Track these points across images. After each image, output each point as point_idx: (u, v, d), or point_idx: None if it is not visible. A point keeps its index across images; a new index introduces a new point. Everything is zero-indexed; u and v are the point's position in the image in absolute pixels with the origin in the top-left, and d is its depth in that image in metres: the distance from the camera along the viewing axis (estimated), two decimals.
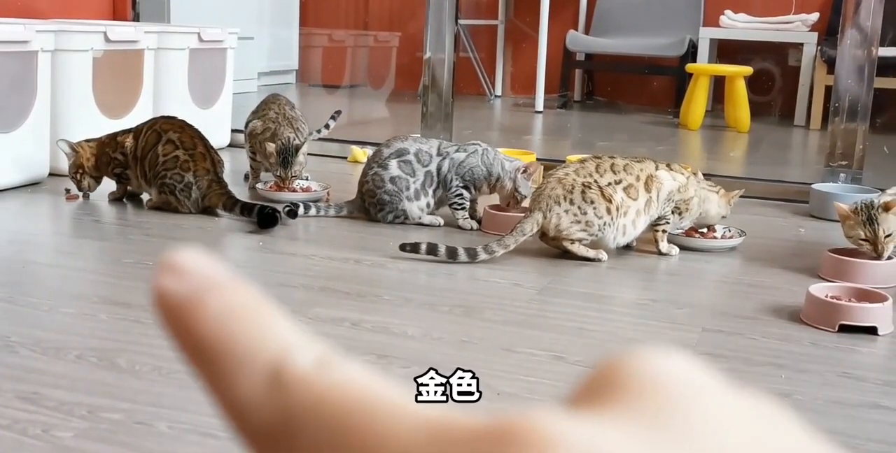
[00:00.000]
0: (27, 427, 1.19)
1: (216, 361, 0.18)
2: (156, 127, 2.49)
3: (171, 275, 0.19)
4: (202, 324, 0.18)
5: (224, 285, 0.19)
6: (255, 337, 0.18)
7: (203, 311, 0.18)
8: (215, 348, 0.18)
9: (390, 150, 2.38)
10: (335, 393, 0.18)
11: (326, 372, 0.18)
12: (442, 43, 3.33)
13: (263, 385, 0.18)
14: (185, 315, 0.18)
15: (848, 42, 2.91)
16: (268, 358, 0.18)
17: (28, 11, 3.32)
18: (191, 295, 0.18)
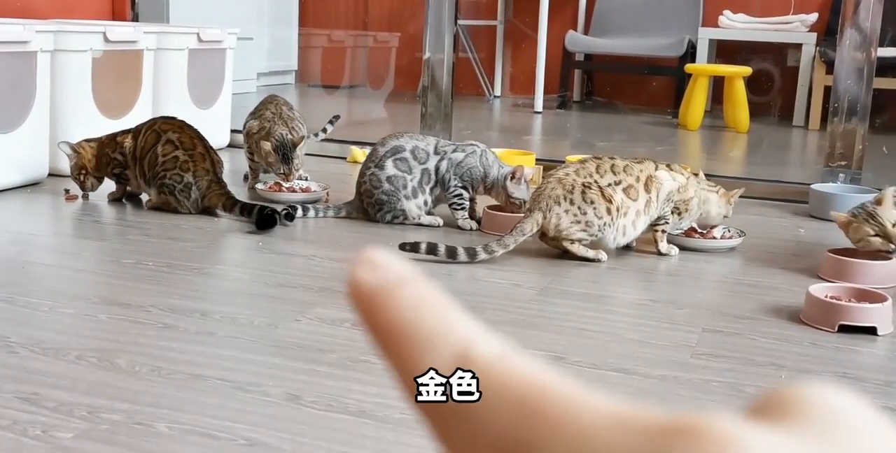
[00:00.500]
0: (27, 427, 1.19)
1: (405, 343, 0.19)
2: (155, 127, 2.49)
3: (366, 267, 0.20)
4: (394, 311, 0.20)
5: (415, 280, 0.20)
6: (443, 324, 0.20)
7: (395, 300, 0.20)
8: (405, 332, 0.20)
9: (385, 149, 2.37)
10: (518, 378, 0.19)
11: (509, 360, 0.19)
12: (441, 43, 3.33)
13: (450, 366, 0.19)
14: (378, 302, 0.20)
15: (847, 42, 2.91)
16: (455, 344, 0.19)
17: (27, 12, 3.31)
18: (385, 285, 0.20)
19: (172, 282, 1.85)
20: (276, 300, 1.77)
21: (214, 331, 1.58)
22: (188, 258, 2.03)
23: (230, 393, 1.31)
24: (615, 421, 0.18)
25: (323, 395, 1.32)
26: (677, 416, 0.17)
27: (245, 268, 2.03)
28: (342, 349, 1.50)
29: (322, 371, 1.41)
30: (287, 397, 1.31)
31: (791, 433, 0.17)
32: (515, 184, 2.33)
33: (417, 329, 0.19)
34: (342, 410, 1.27)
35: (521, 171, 2.33)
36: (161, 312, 1.65)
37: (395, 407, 1.29)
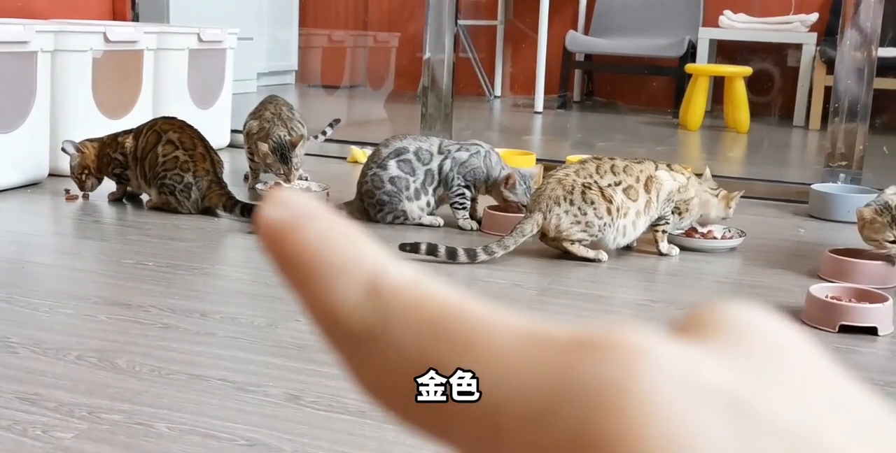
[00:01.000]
0: (27, 427, 1.19)
1: (314, 273, 0.19)
2: (156, 127, 2.49)
3: (276, 205, 0.20)
4: (303, 243, 0.19)
5: (324, 214, 0.20)
6: (353, 253, 0.19)
7: (304, 232, 0.20)
8: (314, 261, 0.19)
9: (389, 150, 2.37)
10: (431, 301, 0.19)
11: (421, 284, 0.19)
12: (441, 43, 3.33)
13: (361, 292, 0.19)
14: (287, 235, 0.20)
15: (847, 42, 2.91)
16: (366, 271, 0.19)
17: (27, 12, 3.31)
18: (294, 220, 0.20)
19: (173, 282, 1.85)
20: (276, 300, 1.77)
21: (215, 331, 1.58)
22: (188, 258, 2.03)
23: (230, 394, 1.31)
24: (526, 337, 0.18)
25: (323, 395, 1.32)
26: (590, 331, 0.17)
27: (245, 268, 2.03)
28: None
29: (322, 371, 1.41)
30: (287, 397, 1.31)
31: (704, 346, 0.17)
32: (509, 190, 2.33)
33: (326, 258, 0.19)
34: (342, 410, 1.27)
35: (513, 179, 2.33)
36: (161, 312, 1.65)
37: None
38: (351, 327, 0.19)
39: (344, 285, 0.19)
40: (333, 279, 0.19)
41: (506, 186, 2.34)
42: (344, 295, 0.19)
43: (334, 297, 0.19)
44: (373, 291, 0.19)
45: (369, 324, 0.18)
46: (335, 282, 0.19)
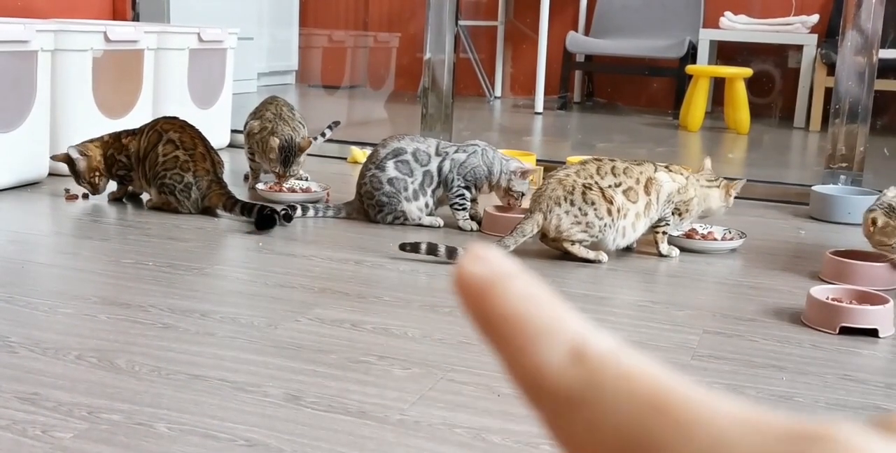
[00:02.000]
0: (26, 427, 1.19)
1: (518, 334, 0.20)
2: (157, 127, 2.49)
3: (475, 261, 0.20)
4: (505, 303, 0.20)
5: (523, 274, 0.21)
6: (557, 317, 0.20)
7: (506, 292, 0.20)
8: (519, 323, 0.20)
9: (386, 151, 2.37)
10: (641, 375, 0.19)
11: (625, 355, 0.19)
12: (442, 44, 3.33)
13: (566, 356, 0.19)
14: (488, 294, 0.20)
15: (848, 44, 2.91)
16: (569, 335, 0.20)
17: (28, 11, 3.31)
18: (494, 278, 0.20)
19: (172, 282, 1.85)
20: (275, 300, 1.76)
21: (214, 331, 1.57)
22: (188, 258, 2.03)
23: (230, 394, 1.31)
24: (745, 424, 0.18)
25: (323, 396, 1.31)
26: (807, 423, 0.18)
27: (245, 269, 2.03)
28: (342, 349, 1.50)
29: (322, 371, 1.41)
30: (287, 398, 1.30)
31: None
32: (521, 182, 2.36)
33: (531, 320, 0.20)
34: (342, 411, 1.27)
35: (529, 174, 2.37)
36: (161, 312, 1.65)
37: (394, 408, 1.28)
38: (557, 389, 0.19)
39: (548, 347, 0.19)
40: (537, 340, 0.19)
41: (520, 176, 2.36)
42: (548, 357, 0.19)
43: (538, 359, 0.19)
44: (578, 357, 0.19)
45: (577, 388, 0.19)
46: (539, 343, 0.19)
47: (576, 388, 0.19)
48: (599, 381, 0.19)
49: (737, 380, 1.45)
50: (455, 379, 1.40)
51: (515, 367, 0.20)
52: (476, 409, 1.29)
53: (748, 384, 1.44)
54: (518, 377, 0.20)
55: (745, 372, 1.48)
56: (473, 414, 1.28)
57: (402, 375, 1.41)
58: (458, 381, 1.39)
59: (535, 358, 0.19)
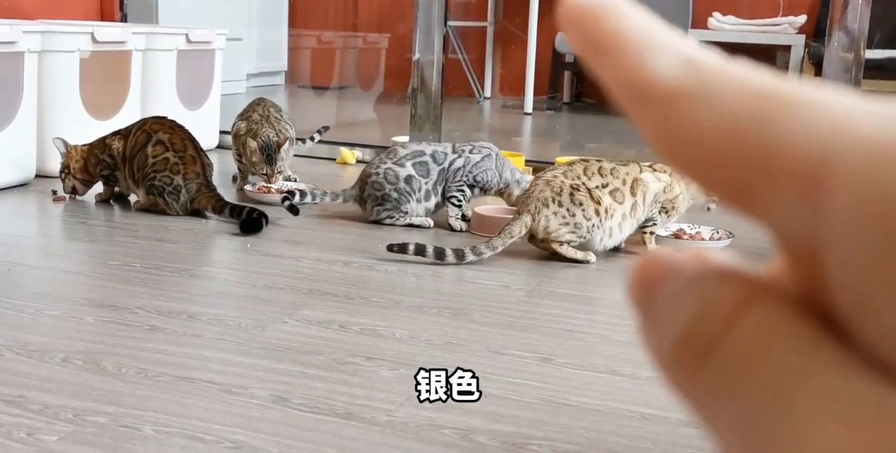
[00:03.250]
0: (11, 430, 1.18)
1: (630, 46, 0.19)
2: (145, 127, 2.48)
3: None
4: (616, 22, 0.20)
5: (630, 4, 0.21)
6: (668, 34, 0.20)
7: (616, 13, 0.20)
8: (631, 36, 0.20)
9: (407, 151, 2.41)
10: (754, 74, 0.18)
11: (742, 65, 0.19)
12: (431, 44, 3.33)
13: (679, 62, 0.19)
14: (599, 16, 0.20)
15: (835, 44, 2.92)
16: (683, 47, 0.19)
17: (14, 12, 3.30)
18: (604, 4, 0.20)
19: (160, 283, 1.84)
20: (263, 302, 1.76)
21: (202, 333, 1.57)
22: (176, 260, 2.02)
23: (217, 396, 1.31)
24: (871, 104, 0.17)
25: (310, 397, 1.31)
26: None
27: (233, 270, 2.03)
28: (329, 351, 1.50)
29: (309, 373, 1.41)
30: (274, 399, 1.30)
31: None
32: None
33: (644, 34, 0.19)
34: (329, 412, 1.27)
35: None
36: (148, 314, 1.64)
37: (382, 409, 1.28)
38: (669, 89, 0.19)
39: (661, 55, 0.19)
40: (650, 48, 0.19)
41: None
42: (661, 62, 0.19)
43: (650, 64, 0.19)
44: (691, 62, 0.19)
45: (689, 86, 0.18)
46: (652, 51, 0.19)
47: (688, 86, 0.18)
48: (713, 79, 0.18)
49: None
50: None
51: (625, 77, 0.19)
52: (463, 410, 1.30)
53: None
54: (627, 87, 0.19)
55: None
56: (460, 414, 1.28)
57: (389, 376, 1.41)
58: None
59: (646, 64, 0.19)
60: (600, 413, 1.31)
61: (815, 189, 0.16)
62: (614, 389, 1.39)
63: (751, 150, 0.17)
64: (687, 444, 1.23)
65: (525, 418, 1.28)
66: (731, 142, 0.18)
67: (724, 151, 0.18)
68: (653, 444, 1.22)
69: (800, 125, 0.17)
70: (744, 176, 0.17)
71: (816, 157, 0.16)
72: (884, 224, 0.15)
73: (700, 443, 1.23)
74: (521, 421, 1.27)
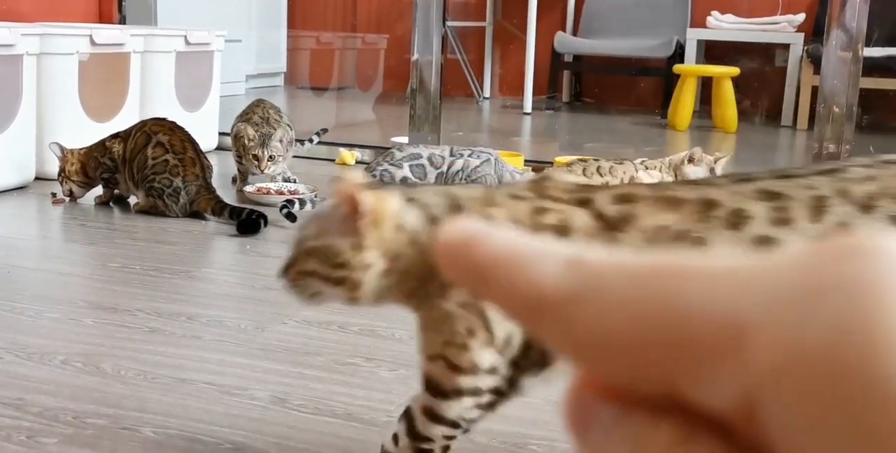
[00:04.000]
0: (11, 433, 1.18)
1: (509, 266, 0.19)
2: (145, 129, 2.48)
3: (453, 224, 0.21)
4: (490, 247, 0.20)
5: (501, 226, 0.21)
6: (544, 244, 0.20)
7: (489, 239, 0.20)
8: (507, 257, 0.20)
9: (403, 154, 2.41)
10: (640, 258, 0.18)
11: (624, 254, 0.19)
12: (429, 45, 3.33)
13: (563, 266, 0.19)
14: (472, 246, 0.20)
15: (833, 42, 2.92)
16: (563, 252, 0.19)
17: (13, 15, 3.30)
18: (477, 230, 0.20)
19: (159, 285, 1.84)
20: (262, 303, 1.76)
21: (201, 334, 1.57)
22: (175, 261, 2.02)
23: (216, 397, 1.31)
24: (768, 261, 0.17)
25: (309, 398, 1.31)
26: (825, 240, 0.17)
27: (232, 271, 2.03)
28: (329, 352, 1.50)
29: (309, 374, 1.41)
30: (273, 400, 1.30)
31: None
32: None
33: (520, 251, 0.19)
34: (329, 413, 1.27)
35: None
36: (147, 316, 1.64)
37: (381, 410, 1.28)
38: (559, 294, 0.18)
39: (543, 265, 0.19)
40: (531, 263, 0.19)
41: None
42: (545, 272, 0.19)
43: (534, 277, 0.19)
44: (575, 264, 0.19)
45: (579, 286, 0.18)
46: (533, 264, 0.19)
47: (579, 287, 0.18)
48: (603, 274, 0.18)
49: None
50: None
51: (511, 297, 0.19)
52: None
53: None
54: (516, 303, 0.19)
55: None
56: None
57: (388, 377, 1.41)
58: None
59: (529, 276, 0.19)
60: None
61: (737, 353, 0.16)
62: None
63: (663, 333, 0.17)
64: None
65: (525, 418, 1.28)
66: (640, 330, 0.17)
67: (636, 341, 0.17)
68: None
69: (703, 296, 0.17)
70: (662, 359, 0.17)
71: (730, 323, 0.16)
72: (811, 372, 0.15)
73: None
74: (522, 420, 1.27)
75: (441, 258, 0.20)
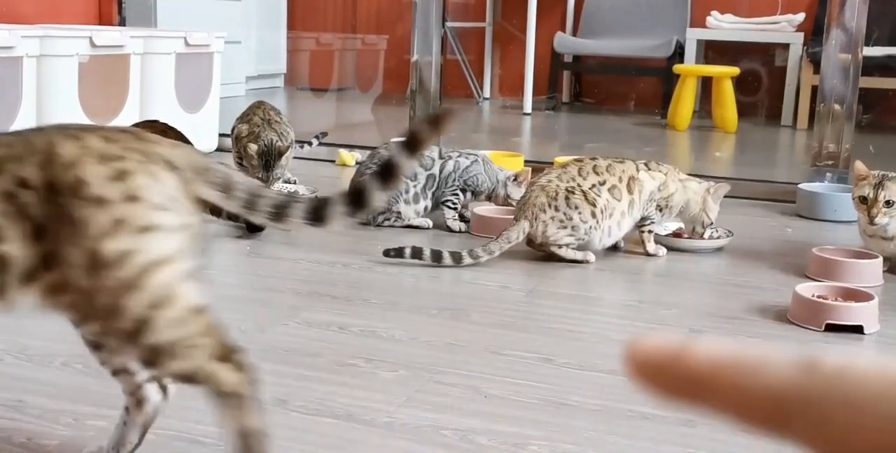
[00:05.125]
0: (12, 435, 1.19)
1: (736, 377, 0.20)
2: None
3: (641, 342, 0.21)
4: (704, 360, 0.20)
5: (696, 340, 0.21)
6: (763, 352, 0.20)
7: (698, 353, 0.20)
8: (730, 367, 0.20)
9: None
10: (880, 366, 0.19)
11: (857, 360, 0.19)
12: (429, 45, 3.34)
13: (798, 371, 0.19)
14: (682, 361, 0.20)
15: (833, 42, 2.92)
16: (790, 357, 0.20)
17: (13, 17, 3.30)
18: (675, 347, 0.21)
19: None
20: (263, 304, 1.76)
21: None
22: None
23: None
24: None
25: (310, 400, 1.31)
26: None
27: (233, 273, 2.03)
28: (330, 353, 1.50)
29: (309, 375, 1.41)
30: (274, 402, 1.30)
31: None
32: (515, 186, 2.39)
33: (743, 360, 0.20)
34: (329, 414, 1.27)
35: (524, 176, 2.42)
36: None
37: (382, 411, 1.28)
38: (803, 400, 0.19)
39: (775, 371, 0.19)
40: (760, 370, 0.19)
41: (514, 181, 2.41)
42: (780, 377, 0.19)
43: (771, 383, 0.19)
44: (811, 368, 0.19)
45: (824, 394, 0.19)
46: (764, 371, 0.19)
47: (822, 392, 0.19)
48: (846, 382, 0.19)
49: None
50: (442, 380, 1.40)
51: (745, 404, 0.19)
52: (463, 411, 1.30)
53: None
54: (752, 411, 0.20)
55: None
56: (460, 415, 1.28)
57: (389, 378, 1.41)
58: (445, 383, 1.39)
59: (764, 382, 0.19)
60: (601, 413, 1.31)
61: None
62: (614, 389, 1.39)
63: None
64: (686, 444, 1.23)
65: (526, 418, 1.28)
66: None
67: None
68: (652, 444, 1.22)
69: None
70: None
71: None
72: None
73: (699, 443, 1.23)
74: (522, 421, 1.27)
75: (638, 373, 0.20)
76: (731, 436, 1.24)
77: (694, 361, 0.20)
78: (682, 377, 0.20)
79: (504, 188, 2.42)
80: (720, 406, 0.20)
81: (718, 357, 0.20)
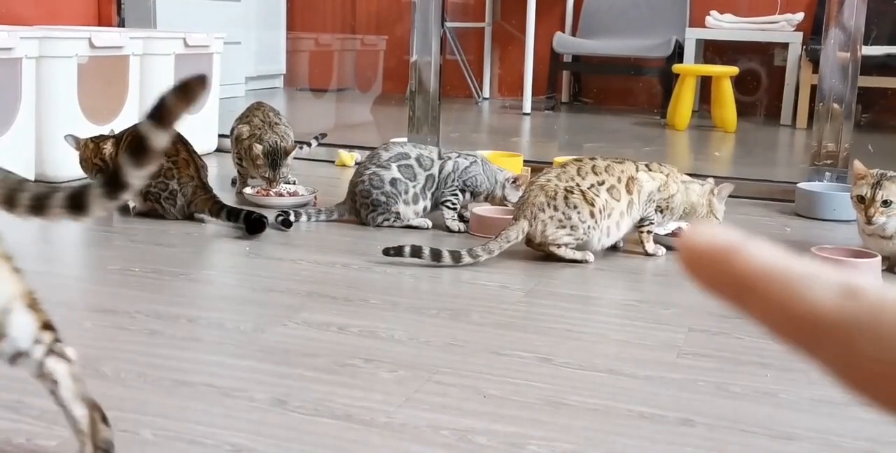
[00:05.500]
0: (10, 436, 1.19)
1: (779, 283, 0.20)
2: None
3: (701, 235, 0.21)
4: (755, 260, 0.20)
5: (754, 239, 0.21)
6: (811, 266, 0.20)
7: (751, 252, 0.20)
8: (776, 273, 0.20)
9: (390, 154, 2.40)
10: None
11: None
12: (428, 46, 3.33)
13: (838, 293, 0.19)
14: (733, 256, 0.20)
15: (832, 41, 2.92)
16: (835, 277, 0.20)
17: (12, 18, 3.30)
18: (733, 243, 0.21)
19: (159, 287, 1.84)
20: (262, 305, 1.76)
21: (201, 336, 1.57)
22: (175, 264, 2.02)
23: (216, 399, 1.31)
24: None
25: (309, 400, 1.31)
26: None
27: (232, 273, 2.03)
28: (328, 353, 1.50)
29: (308, 375, 1.41)
30: (273, 402, 1.30)
31: None
32: (514, 189, 2.39)
33: (789, 270, 0.20)
34: (328, 415, 1.27)
35: (523, 179, 2.41)
36: (147, 318, 1.65)
37: (380, 411, 1.28)
38: (838, 323, 0.19)
39: (818, 288, 0.19)
40: (804, 284, 0.20)
41: (513, 183, 2.41)
42: (821, 295, 0.19)
43: (810, 299, 0.19)
44: (851, 293, 0.19)
45: (859, 319, 0.19)
46: (807, 286, 0.19)
47: (858, 320, 0.19)
48: (883, 310, 0.19)
49: (722, 378, 1.45)
50: (441, 381, 1.40)
51: (782, 315, 0.20)
52: (462, 411, 1.30)
53: (733, 381, 1.44)
54: (787, 324, 0.20)
55: (730, 370, 1.49)
56: (459, 415, 1.28)
57: (388, 378, 1.41)
58: (445, 383, 1.39)
59: (806, 299, 0.19)
60: (600, 413, 1.31)
61: None
62: (613, 389, 1.39)
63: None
64: (686, 443, 1.23)
65: (525, 418, 1.28)
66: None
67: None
68: (652, 444, 1.22)
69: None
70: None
71: None
72: None
73: (698, 442, 1.23)
74: (521, 421, 1.27)
75: (689, 263, 0.21)
76: (730, 436, 1.24)
77: (746, 262, 0.20)
78: (730, 275, 0.20)
79: (502, 189, 2.42)
80: (758, 313, 0.20)
81: (770, 263, 0.20)
